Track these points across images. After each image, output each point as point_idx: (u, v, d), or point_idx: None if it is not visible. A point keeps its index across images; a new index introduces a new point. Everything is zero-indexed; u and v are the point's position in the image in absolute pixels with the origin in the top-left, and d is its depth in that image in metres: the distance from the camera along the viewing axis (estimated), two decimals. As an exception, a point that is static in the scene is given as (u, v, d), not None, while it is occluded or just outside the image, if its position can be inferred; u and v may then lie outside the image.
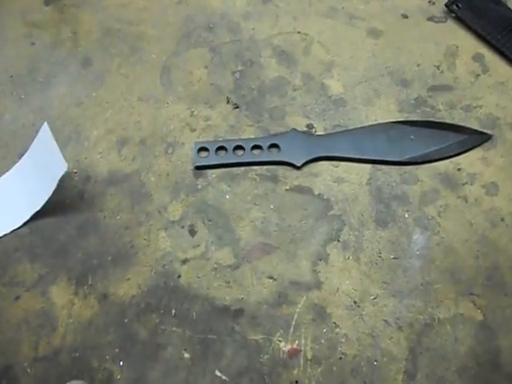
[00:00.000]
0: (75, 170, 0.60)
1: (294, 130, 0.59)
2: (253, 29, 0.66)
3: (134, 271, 0.54)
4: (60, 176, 0.54)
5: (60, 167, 0.54)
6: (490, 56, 0.65)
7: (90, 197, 0.58)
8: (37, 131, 0.58)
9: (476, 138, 0.60)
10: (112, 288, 0.54)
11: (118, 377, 0.51)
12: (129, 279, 0.54)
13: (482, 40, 0.66)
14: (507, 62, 0.65)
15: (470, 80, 0.64)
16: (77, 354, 0.52)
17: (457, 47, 0.65)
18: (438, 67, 0.64)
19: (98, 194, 0.59)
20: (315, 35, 0.66)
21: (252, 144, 0.59)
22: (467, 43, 0.65)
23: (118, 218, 0.57)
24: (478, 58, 0.65)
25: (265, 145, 0.59)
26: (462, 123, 0.62)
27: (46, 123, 0.56)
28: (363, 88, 0.63)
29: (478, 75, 0.64)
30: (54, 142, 0.55)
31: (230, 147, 0.59)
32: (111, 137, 0.62)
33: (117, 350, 0.52)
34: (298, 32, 0.66)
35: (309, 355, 0.52)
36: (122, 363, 0.51)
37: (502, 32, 0.66)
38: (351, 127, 0.62)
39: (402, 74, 0.64)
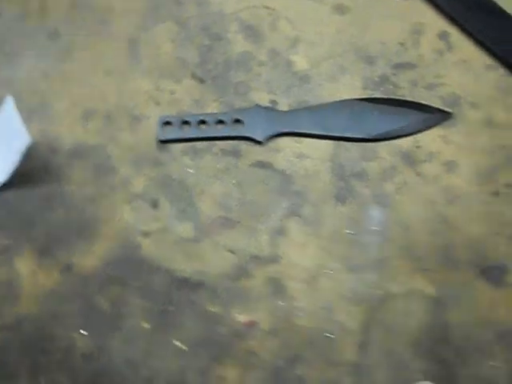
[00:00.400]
0: (40, 143, 0.60)
1: (258, 105, 0.61)
2: (220, 2, 0.67)
3: (98, 243, 0.56)
4: (23, 149, 0.55)
5: (23, 140, 0.55)
6: (455, 34, 0.66)
7: (55, 169, 0.60)
8: (1, 104, 0.58)
9: (437, 117, 0.61)
10: (75, 259, 0.56)
11: (80, 345, 0.53)
12: (91, 251, 0.56)
13: (449, 18, 0.67)
14: (472, 40, 0.66)
15: (433, 58, 0.65)
16: (40, 324, 0.53)
17: (422, 25, 0.66)
18: (402, 44, 0.65)
19: (63, 166, 0.60)
20: (282, 10, 0.67)
21: (216, 119, 0.61)
22: (433, 21, 0.67)
23: (83, 190, 0.59)
24: (443, 36, 0.66)
25: (228, 120, 0.60)
26: (424, 101, 0.63)
27: (9, 96, 0.57)
28: (328, 64, 0.64)
29: (443, 53, 0.65)
30: (18, 115, 0.56)
31: (194, 121, 0.60)
32: (77, 110, 0.63)
33: (79, 320, 0.54)
34: (265, 7, 0.67)
35: (266, 327, 0.54)
36: (84, 332, 0.52)
37: (468, 10, 0.67)
38: (315, 104, 0.61)
39: (367, 51, 0.65)
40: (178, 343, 0.53)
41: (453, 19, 0.68)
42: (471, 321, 0.55)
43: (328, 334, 0.54)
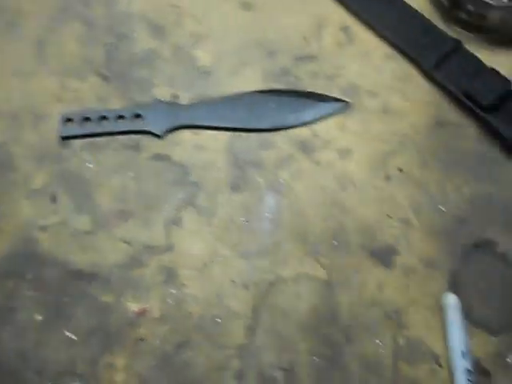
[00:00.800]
0: None
1: (158, 100, 0.62)
2: (128, 3, 0.70)
3: (-7, 237, 0.56)
4: None
5: None
6: (356, 26, 0.69)
7: (-42, 169, 0.60)
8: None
9: (334, 106, 0.63)
10: None
11: (-28, 339, 0.53)
12: (-13, 244, 0.56)
13: (350, 11, 0.69)
14: (372, 32, 0.68)
15: (334, 50, 0.67)
16: None
17: (325, 19, 0.69)
18: (305, 38, 0.68)
19: (-35, 166, 0.60)
20: (187, 7, 0.69)
21: (116, 114, 0.62)
22: (335, 14, 0.69)
23: (-16, 187, 0.59)
24: (344, 28, 0.69)
25: (128, 115, 0.62)
26: (323, 92, 0.64)
27: None
28: (231, 59, 0.66)
29: (343, 45, 0.68)
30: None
31: (94, 117, 0.62)
32: (-18, 111, 0.63)
33: (-28, 315, 0.54)
34: (171, 5, 0.69)
35: (156, 315, 0.55)
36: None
37: (368, 2, 0.68)
38: (215, 97, 0.62)
39: (270, 46, 0.67)
40: (68, 333, 0.54)
41: (353, 12, 0.70)
42: (359, 302, 0.57)
43: (217, 319, 0.53)
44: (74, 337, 0.55)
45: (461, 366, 0.47)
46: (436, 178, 0.63)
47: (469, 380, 0.46)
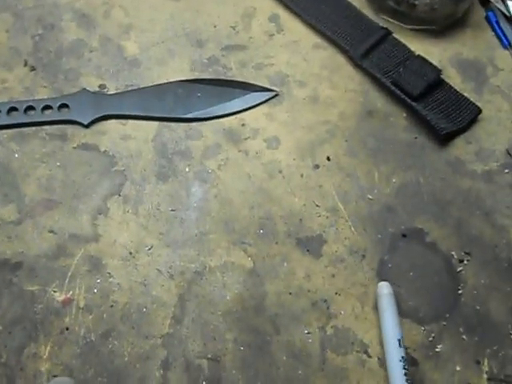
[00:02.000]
0: None
1: (85, 89, 0.62)
2: (56, -6, 0.67)
3: None
4: None
5: None
6: (285, 16, 0.69)
7: None
8: None
9: (262, 95, 0.63)
10: None
11: None
12: None
13: (279, 1, 0.68)
14: (301, 21, 0.68)
15: (263, 40, 0.67)
16: None
17: (254, 9, 0.69)
18: (234, 28, 0.68)
19: None
20: (117, -1, 0.67)
21: (43, 104, 0.62)
22: (264, 4, 0.69)
23: None
24: (273, 18, 0.68)
25: (55, 105, 0.62)
26: (251, 81, 0.65)
27: None
28: (158, 49, 0.66)
29: (273, 35, 0.67)
30: None
31: (21, 108, 0.61)
32: None
33: None
34: (101, -4, 0.67)
35: (81, 304, 0.55)
36: None
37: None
38: (142, 86, 0.62)
39: (198, 35, 0.67)
40: (-8, 324, 0.53)
41: (282, 2, 0.69)
42: (287, 291, 0.56)
43: (143, 309, 0.53)
44: None
45: (397, 354, 0.48)
46: (364, 166, 0.63)
47: (405, 368, 0.45)
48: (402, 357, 0.51)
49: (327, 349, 0.55)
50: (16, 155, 0.62)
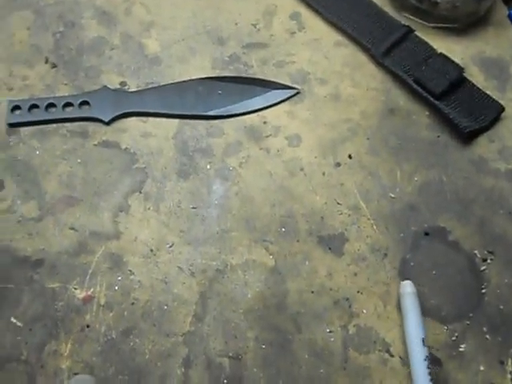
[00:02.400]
0: None
1: (106, 87, 0.61)
2: (77, -10, 0.67)
3: None
4: None
5: None
6: (306, 14, 0.68)
7: None
8: None
9: (283, 93, 0.62)
10: None
11: None
12: None
13: (300, -1, 0.67)
14: (323, 19, 0.67)
15: (285, 37, 0.66)
16: None
17: (275, 6, 0.68)
18: (255, 26, 0.67)
19: None
20: (138, -4, 0.66)
21: (64, 101, 0.61)
22: (285, 2, 0.68)
23: None
24: (295, 16, 0.67)
25: (76, 102, 0.61)
26: (273, 79, 0.64)
27: None
28: (179, 47, 0.65)
29: (294, 33, 0.66)
30: None
31: (42, 105, 0.61)
32: None
33: None
34: (121, -7, 0.66)
35: (102, 301, 0.54)
36: None
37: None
38: (163, 84, 0.61)
39: (220, 33, 0.66)
40: (13, 320, 0.53)
41: (304, 0, 0.67)
42: (309, 289, 0.55)
43: (164, 306, 0.52)
44: (19, 323, 0.53)
45: (421, 354, 0.47)
46: (386, 165, 0.62)
47: (428, 368, 0.45)
48: (426, 356, 0.50)
49: (349, 347, 0.54)
50: (37, 152, 0.61)
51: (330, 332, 0.55)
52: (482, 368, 0.51)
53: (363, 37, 0.66)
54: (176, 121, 0.62)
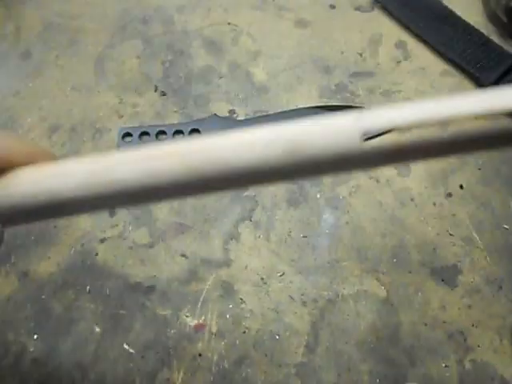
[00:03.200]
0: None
1: (215, 115, 0.60)
2: (185, 21, 0.67)
3: (55, 250, 0.55)
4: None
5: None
6: (412, 43, 0.66)
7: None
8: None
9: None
10: (32, 266, 0.55)
11: (32, 349, 0.52)
12: (49, 257, 0.55)
13: (405, 28, 0.65)
14: (428, 48, 0.65)
15: (391, 66, 0.63)
16: (-5, 330, 0.52)
17: (381, 35, 0.65)
18: (361, 54, 0.64)
19: (26, 178, 0.58)
20: (244, 26, 0.66)
21: (174, 129, 0.60)
22: (391, 31, 0.66)
23: (44, 200, 0.57)
24: (400, 45, 0.65)
25: (186, 130, 0.60)
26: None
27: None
28: (286, 75, 0.63)
29: (400, 61, 0.64)
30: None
31: (152, 132, 0.60)
32: (44, 124, 0.62)
33: (32, 325, 0.53)
34: (228, 23, 0.67)
35: (214, 329, 0.52)
36: (36, 337, 0.51)
37: (424, 20, 0.66)
38: (271, 112, 0.60)
39: (326, 62, 0.64)
40: (126, 346, 0.52)
41: (409, 28, 0.66)
42: (422, 321, 0.53)
43: (275, 336, 0.50)
44: (131, 350, 0.51)
45: None
46: (499, 195, 0.59)
47: None
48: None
49: (466, 384, 0.48)
50: (148, 179, 0.58)
51: (446, 367, 0.51)
52: None
53: (471, 66, 0.64)
54: (284, 149, 0.59)
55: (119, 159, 0.26)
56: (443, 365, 0.52)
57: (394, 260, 0.55)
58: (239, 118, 0.63)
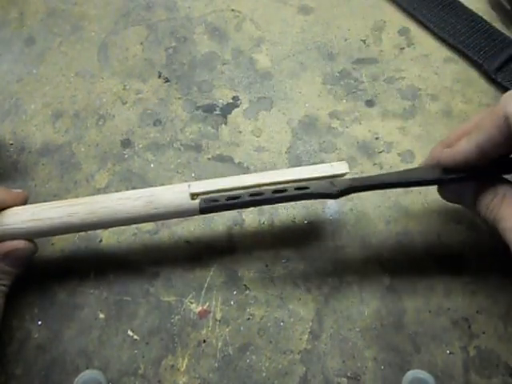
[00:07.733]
0: (11, 142, 0.56)
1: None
2: (189, 7, 0.63)
3: (59, 236, 0.51)
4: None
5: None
6: (415, 30, 0.62)
7: (23, 167, 0.55)
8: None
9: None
10: (37, 252, 0.50)
11: (36, 335, 0.48)
12: (53, 244, 0.51)
13: (409, 15, 0.62)
14: (431, 35, 0.61)
15: (394, 53, 0.59)
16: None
17: (384, 22, 0.61)
18: (364, 41, 0.60)
19: (30, 164, 0.56)
20: (248, 12, 0.62)
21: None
22: (394, 18, 0.62)
23: (48, 186, 0.54)
24: (403, 31, 0.61)
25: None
26: (383, 94, 0.56)
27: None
28: (290, 62, 0.59)
29: (403, 48, 0.60)
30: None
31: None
32: (47, 110, 0.59)
33: (36, 311, 0.49)
34: (232, 9, 0.63)
35: (218, 316, 0.49)
36: (40, 323, 0.48)
37: (427, 6, 0.62)
38: (275, 99, 0.56)
39: (329, 49, 0.60)
40: (130, 333, 0.48)
41: (412, 15, 0.62)
42: (426, 308, 0.49)
43: (280, 322, 0.46)
44: (136, 336, 0.48)
45: None
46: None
47: None
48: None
49: (471, 371, 0.49)
50: (151, 165, 0.56)
51: (450, 354, 0.49)
52: None
53: (474, 53, 0.60)
54: (289, 136, 0.55)
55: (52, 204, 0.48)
56: (447, 351, 0.49)
57: (398, 246, 0.52)
58: (242, 104, 0.58)
